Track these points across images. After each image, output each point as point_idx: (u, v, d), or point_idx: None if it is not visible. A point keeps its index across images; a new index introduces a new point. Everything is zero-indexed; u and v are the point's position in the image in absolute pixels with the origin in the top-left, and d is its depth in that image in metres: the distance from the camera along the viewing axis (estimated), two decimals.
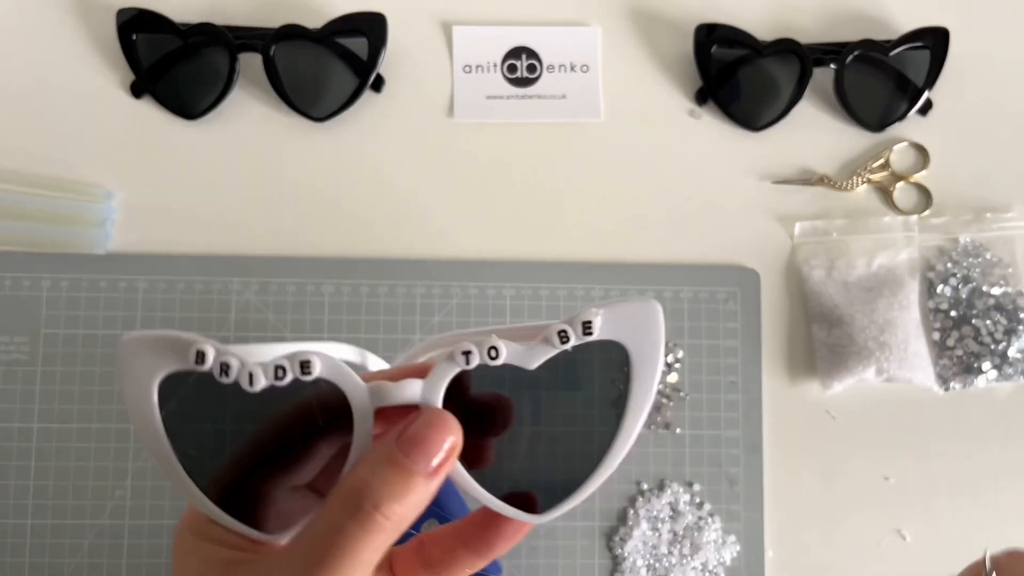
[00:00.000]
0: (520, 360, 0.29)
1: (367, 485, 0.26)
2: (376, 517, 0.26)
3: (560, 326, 0.28)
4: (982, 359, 0.61)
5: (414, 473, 0.27)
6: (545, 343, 0.28)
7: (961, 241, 0.63)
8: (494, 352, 0.28)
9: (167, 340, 0.28)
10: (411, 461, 0.27)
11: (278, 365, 0.27)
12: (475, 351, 0.28)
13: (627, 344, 0.29)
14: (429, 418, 0.28)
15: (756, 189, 0.64)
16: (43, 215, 0.60)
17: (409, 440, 0.27)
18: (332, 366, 0.28)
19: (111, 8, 0.62)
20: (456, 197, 0.63)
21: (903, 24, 0.65)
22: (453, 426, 0.28)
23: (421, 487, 0.27)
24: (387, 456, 0.27)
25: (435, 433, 0.27)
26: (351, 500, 0.26)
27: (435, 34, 0.65)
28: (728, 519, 0.59)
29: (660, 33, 0.65)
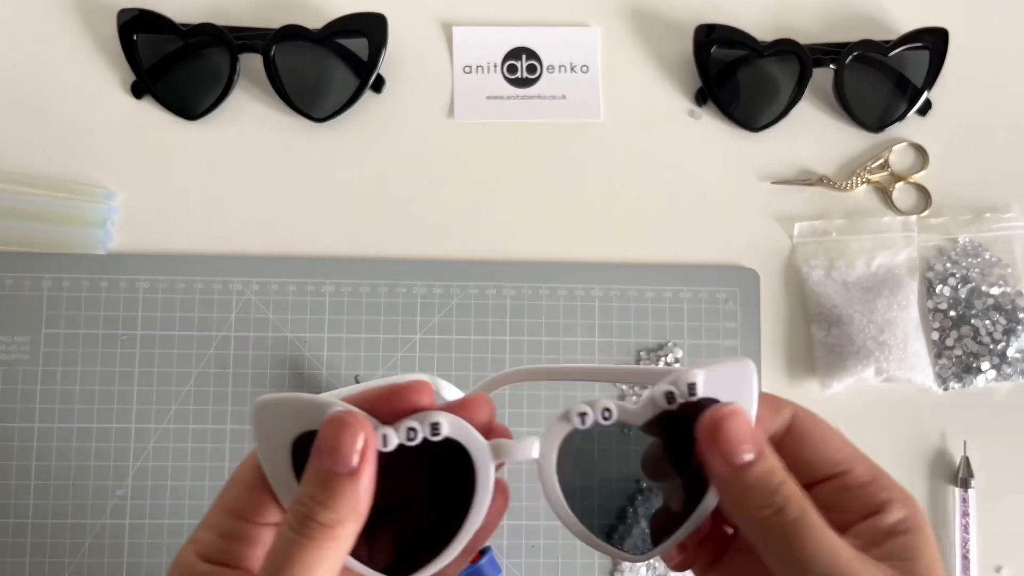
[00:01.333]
0: (629, 419, 0.31)
1: (302, 502, 0.29)
2: (316, 527, 0.28)
3: (666, 387, 0.30)
4: (981, 359, 0.61)
5: (334, 475, 0.29)
6: (651, 403, 0.31)
7: (960, 241, 0.63)
8: (607, 413, 0.30)
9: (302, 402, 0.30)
10: (325, 466, 0.29)
11: (410, 427, 0.29)
12: (590, 412, 0.30)
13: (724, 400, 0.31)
14: (332, 423, 0.29)
15: (756, 189, 0.64)
16: (44, 215, 0.60)
17: (321, 449, 0.29)
18: (458, 427, 0.30)
19: (112, 8, 0.62)
20: (456, 197, 0.63)
21: (902, 25, 0.65)
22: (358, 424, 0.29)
23: (348, 488, 0.29)
24: (311, 470, 0.29)
25: (342, 436, 0.29)
26: (295, 517, 0.29)
27: (435, 34, 0.65)
28: None
29: (660, 33, 0.65)
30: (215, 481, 0.58)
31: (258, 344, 0.60)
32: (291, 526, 0.29)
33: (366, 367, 0.59)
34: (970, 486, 0.60)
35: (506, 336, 0.61)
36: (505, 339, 0.61)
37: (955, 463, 0.61)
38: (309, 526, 0.28)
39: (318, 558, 0.28)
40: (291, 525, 0.29)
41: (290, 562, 0.28)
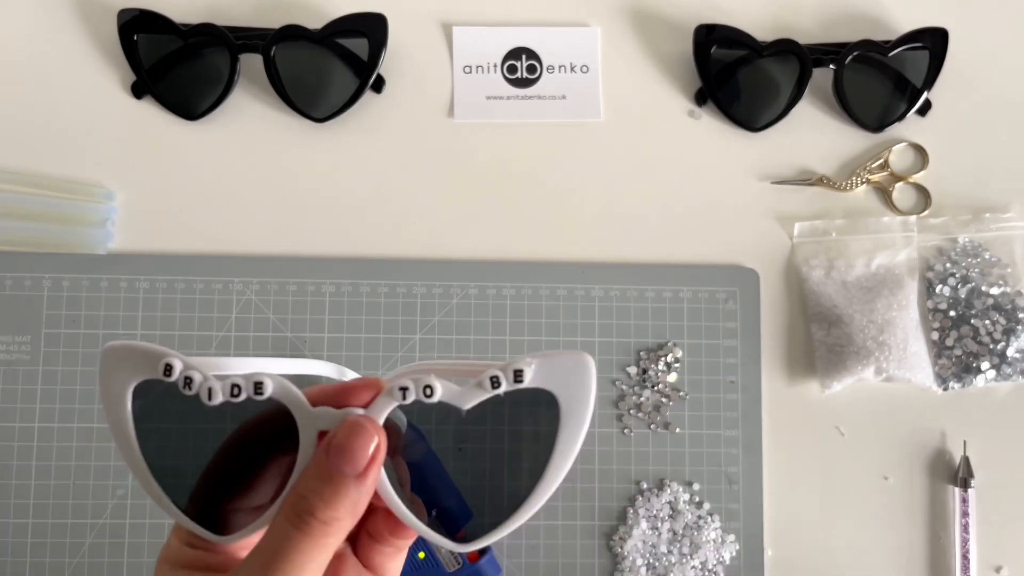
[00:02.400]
0: (455, 400, 0.31)
1: (304, 496, 0.29)
2: (314, 523, 0.29)
3: (493, 372, 0.30)
4: (981, 359, 0.61)
5: (343, 478, 0.29)
6: (478, 387, 0.31)
7: (960, 241, 0.63)
8: (429, 391, 0.30)
9: (143, 350, 0.31)
10: (337, 469, 0.30)
11: (234, 383, 0.30)
12: (412, 388, 0.30)
13: (557, 394, 0.31)
14: (351, 426, 0.30)
15: (755, 189, 0.64)
16: (44, 215, 0.60)
17: (335, 449, 0.30)
18: (283, 388, 0.30)
19: (112, 9, 0.62)
20: (456, 197, 0.63)
21: (902, 25, 0.65)
22: (374, 429, 0.30)
23: (352, 490, 0.30)
24: (318, 467, 0.30)
25: (357, 439, 0.30)
26: (292, 510, 0.29)
27: (435, 35, 0.65)
28: (727, 518, 0.60)
29: (660, 34, 0.66)
30: None
31: (258, 344, 0.60)
32: (288, 518, 0.29)
33: (366, 367, 0.59)
34: (970, 486, 0.60)
35: (506, 336, 0.61)
36: (505, 339, 0.61)
37: (955, 463, 0.61)
38: (308, 521, 0.29)
39: (311, 554, 0.29)
40: (288, 517, 0.29)
41: (284, 555, 0.29)
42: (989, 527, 0.60)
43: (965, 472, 0.60)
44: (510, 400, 0.31)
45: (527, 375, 0.30)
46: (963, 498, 0.60)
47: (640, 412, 0.60)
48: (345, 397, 0.31)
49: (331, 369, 0.36)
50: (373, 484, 0.30)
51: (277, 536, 0.29)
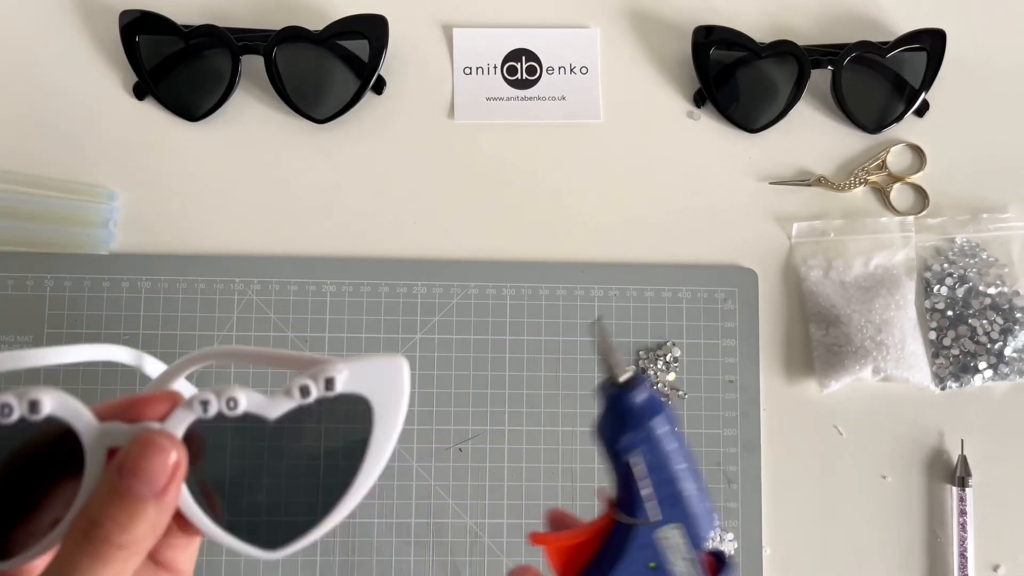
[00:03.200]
0: (262, 410, 0.29)
1: (95, 521, 0.27)
2: (107, 549, 0.27)
3: (303, 380, 0.29)
4: (978, 358, 0.61)
5: (140, 499, 0.27)
6: (287, 396, 0.29)
7: (957, 241, 0.64)
8: (232, 403, 0.29)
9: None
10: (133, 491, 0.27)
11: (4, 403, 0.27)
12: (213, 400, 0.28)
13: (370, 398, 0.30)
14: (145, 443, 0.28)
15: (754, 190, 0.64)
16: (46, 216, 0.60)
17: (128, 469, 0.27)
18: (64, 405, 0.28)
19: (114, 10, 0.63)
20: (456, 198, 0.63)
21: (900, 26, 0.65)
22: (171, 445, 0.28)
23: (151, 511, 0.27)
24: (110, 488, 0.27)
25: (152, 457, 0.28)
26: (83, 536, 0.27)
27: (436, 36, 0.65)
28: (726, 517, 0.60)
29: (659, 35, 0.66)
30: None
31: (260, 344, 0.60)
32: (78, 543, 0.27)
33: None
34: (967, 485, 0.60)
35: (506, 336, 0.61)
36: (505, 339, 0.61)
37: (952, 462, 0.61)
38: (101, 548, 0.27)
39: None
40: (78, 543, 0.27)
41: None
42: (987, 526, 0.60)
43: (963, 471, 0.60)
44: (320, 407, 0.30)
45: (338, 382, 0.29)
46: (961, 497, 0.60)
47: None
48: (138, 410, 0.29)
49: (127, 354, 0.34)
50: (174, 501, 0.28)
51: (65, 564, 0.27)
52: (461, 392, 0.60)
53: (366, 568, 0.58)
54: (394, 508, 0.59)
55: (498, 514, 0.59)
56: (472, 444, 0.60)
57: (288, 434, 0.30)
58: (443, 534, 0.59)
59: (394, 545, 0.58)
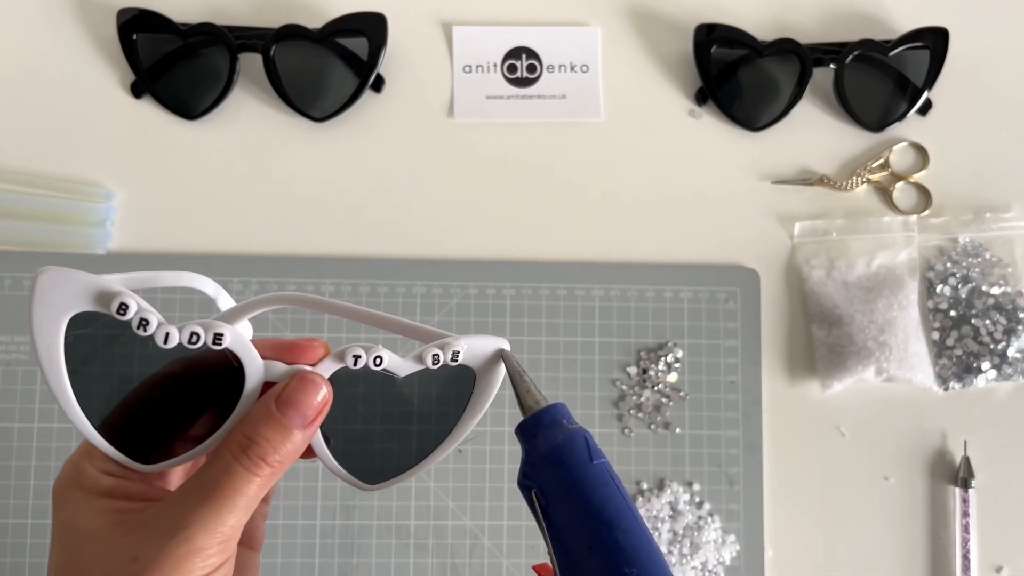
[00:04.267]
0: (395, 369, 0.34)
1: (252, 440, 0.32)
2: (261, 464, 0.31)
3: (435, 350, 0.34)
4: (981, 359, 0.61)
5: (291, 428, 0.32)
6: (418, 361, 0.34)
7: (960, 241, 0.63)
8: (378, 360, 0.33)
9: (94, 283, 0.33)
10: (288, 419, 0.32)
11: (193, 332, 0.32)
12: (363, 356, 0.33)
13: (477, 371, 0.35)
14: (302, 381, 0.32)
15: (756, 189, 0.64)
16: (43, 215, 0.60)
17: (285, 401, 0.32)
18: (239, 341, 0.33)
19: (111, 8, 0.62)
20: (456, 197, 0.63)
21: (903, 24, 0.65)
22: (322, 384, 0.33)
23: (298, 439, 0.32)
24: (268, 415, 0.32)
25: (306, 394, 0.32)
26: (240, 450, 0.31)
27: (435, 34, 0.65)
28: (728, 519, 0.59)
29: (660, 33, 0.65)
30: None
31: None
32: (235, 456, 0.31)
33: None
34: (970, 486, 0.60)
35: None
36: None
37: (955, 463, 0.61)
38: (257, 463, 0.31)
39: (254, 490, 0.31)
40: (235, 455, 0.31)
41: (232, 487, 0.31)
42: (990, 527, 0.60)
43: (966, 472, 0.60)
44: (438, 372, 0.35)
45: (461, 355, 0.34)
46: (964, 498, 0.59)
47: (640, 412, 0.60)
48: (295, 354, 0.34)
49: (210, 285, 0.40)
50: (314, 434, 0.33)
51: (222, 471, 0.31)
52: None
53: (365, 570, 0.58)
54: (393, 510, 0.58)
55: (498, 516, 0.59)
56: (472, 445, 0.59)
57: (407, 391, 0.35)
58: (443, 536, 0.58)
59: (393, 547, 0.58)
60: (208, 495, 0.31)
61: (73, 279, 0.33)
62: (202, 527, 0.30)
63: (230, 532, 0.31)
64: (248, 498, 0.31)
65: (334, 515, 0.58)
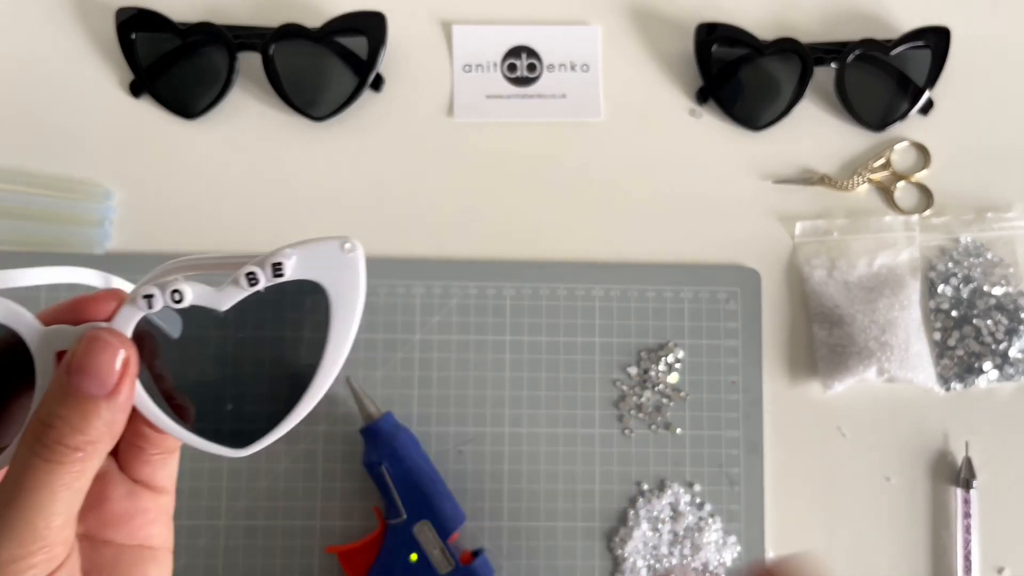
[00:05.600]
0: (211, 302, 0.28)
1: (47, 424, 0.27)
2: (63, 451, 0.26)
3: (249, 268, 0.28)
4: (983, 359, 0.61)
5: (90, 398, 0.27)
6: (235, 285, 0.28)
7: (962, 241, 0.63)
8: (177, 295, 0.27)
9: None
10: (84, 388, 0.27)
11: None
12: (158, 294, 0.27)
13: (326, 285, 0.29)
14: (90, 340, 0.27)
15: (757, 188, 0.64)
16: (42, 214, 0.60)
17: (76, 368, 0.27)
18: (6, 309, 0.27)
19: (110, 7, 0.62)
20: (456, 197, 0.63)
21: (904, 23, 0.65)
22: (119, 342, 0.27)
23: (104, 410, 0.27)
24: (60, 389, 0.27)
25: (99, 355, 0.27)
26: (36, 439, 0.26)
27: (435, 33, 0.65)
28: (729, 519, 0.59)
29: (661, 32, 0.65)
30: (213, 482, 0.58)
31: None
32: (32, 449, 0.26)
33: (365, 368, 0.59)
34: (972, 487, 0.59)
35: (506, 336, 0.60)
36: (505, 339, 0.60)
37: (957, 464, 0.61)
38: (56, 450, 0.26)
39: (64, 482, 0.26)
40: (32, 448, 0.26)
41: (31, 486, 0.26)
42: (991, 528, 0.60)
43: (967, 473, 0.60)
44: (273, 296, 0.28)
45: (287, 268, 0.28)
46: (965, 499, 0.59)
47: (641, 413, 0.60)
48: (81, 311, 0.29)
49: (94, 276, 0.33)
50: (128, 400, 0.28)
51: (20, 468, 0.26)
52: (460, 393, 0.60)
53: None
54: None
55: (498, 516, 0.59)
56: (472, 446, 0.59)
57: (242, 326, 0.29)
58: None
59: None
60: (10, 501, 0.26)
61: None
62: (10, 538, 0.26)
63: (50, 534, 0.26)
64: (60, 491, 0.26)
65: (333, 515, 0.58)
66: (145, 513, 0.31)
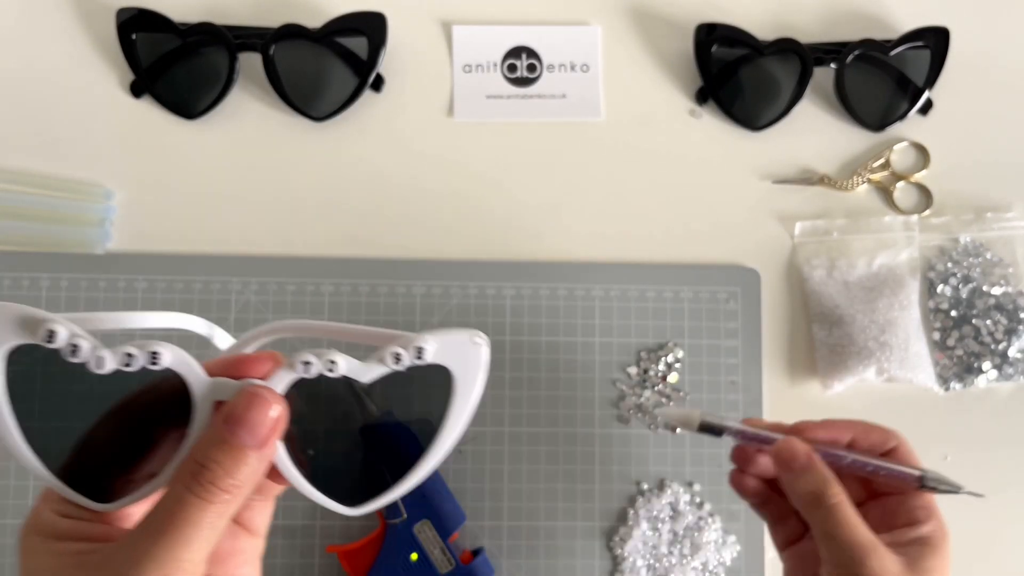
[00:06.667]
0: (356, 374, 0.31)
1: (203, 465, 0.30)
2: (213, 490, 0.29)
3: (395, 348, 0.31)
4: (982, 359, 0.61)
5: (243, 448, 0.30)
6: (380, 362, 0.31)
7: (961, 241, 0.63)
8: (332, 365, 0.31)
9: (20, 314, 0.30)
10: (238, 439, 0.30)
11: (128, 352, 0.30)
12: (315, 361, 0.31)
13: (452, 369, 0.32)
14: (250, 395, 0.30)
15: (756, 189, 0.64)
16: (42, 214, 0.60)
17: (234, 420, 0.30)
18: (180, 359, 0.31)
19: (111, 7, 0.62)
20: (456, 197, 0.63)
21: (903, 23, 0.65)
22: (273, 398, 0.31)
23: (252, 460, 0.30)
24: (217, 437, 0.30)
25: (256, 410, 0.30)
26: (192, 478, 0.30)
27: (435, 33, 0.65)
28: (728, 519, 0.59)
29: (660, 32, 0.65)
30: None
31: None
32: (187, 485, 0.29)
33: None
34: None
35: (506, 336, 0.60)
36: (505, 339, 0.60)
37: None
38: (209, 490, 0.29)
39: (211, 520, 0.29)
40: (187, 484, 0.29)
41: (184, 520, 0.29)
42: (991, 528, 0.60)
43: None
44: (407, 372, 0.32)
45: (428, 352, 0.32)
46: None
47: (640, 412, 0.60)
48: (244, 368, 0.32)
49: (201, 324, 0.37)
50: (273, 452, 0.31)
51: (174, 502, 0.29)
52: None
53: None
54: None
55: (498, 516, 0.59)
56: (472, 446, 0.59)
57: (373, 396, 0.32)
58: None
59: None
60: (160, 530, 0.29)
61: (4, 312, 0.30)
62: (154, 566, 0.28)
63: (190, 567, 0.29)
64: (205, 528, 0.29)
65: None
66: (242, 553, 0.35)
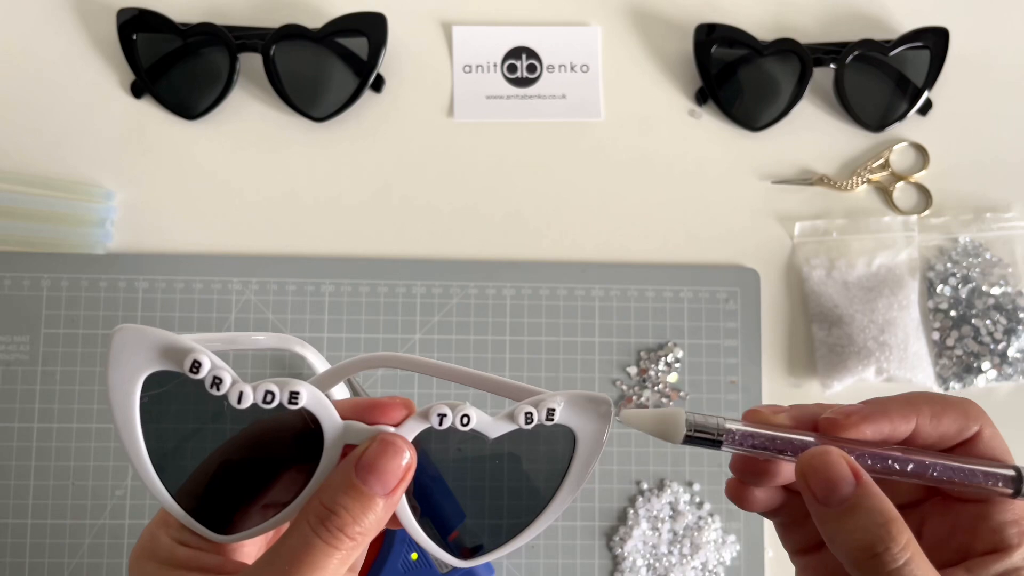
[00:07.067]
0: (485, 429, 0.32)
1: (331, 510, 0.30)
2: (340, 536, 0.29)
3: (527, 408, 0.32)
4: (982, 359, 0.61)
5: (372, 496, 0.30)
6: (510, 420, 0.32)
7: (961, 241, 0.63)
8: (466, 420, 0.31)
9: (166, 341, 0.30)
10: (368, 486, 0.30)
11: (269, 390, 0.30)
12: (449, 414, 0.31)
13: (576, 430, 0.32)
14: (383, 444, 0.30)
15: (756, 189, 0.64)
16: (43, 215, 0.60)
17: (366, 466, 0.30)
18: (315, 399, 0.31)
19: (111, 8, 0.62)
20: (456, 197, 0.63)
21: (903, 24, 0.65)
22: (405, 448, 0.31)
23: (380, 508, 0.30)
24: (348, 483, 0.30)
25: (388, 458, 0.30)
26: (318, 521, 0.29)
27: (435, 34, 0.65)
28: (728, 519, 0.59)
29: (660, 33, 0.65)
30: None
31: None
32: (314, 528, 0.29)
33: None
34: None
35: (506, 336, 0.61)
36: (505, 339, 0.61)
37: None
38: (337, 536, 0.29)
39: (334, 566, 0.29)
40: (314, 527, 0.29)
41: (311, 562, 0.29)
42: None
43: None
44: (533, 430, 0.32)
45: (557, 414, 0.32)
46: None
47: None
48: (377, 414, 0.32)
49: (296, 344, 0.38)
50: (398, 501, 0.31)
51: (300, 543, 0.29)
52: (461, 393, 0.60)
53: None
54: None
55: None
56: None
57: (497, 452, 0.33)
58: None
59: None
60: (285, 570, 0.29)
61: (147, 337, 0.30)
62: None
63: None
64: (329, 573, 0.29)
65: None
66: None
